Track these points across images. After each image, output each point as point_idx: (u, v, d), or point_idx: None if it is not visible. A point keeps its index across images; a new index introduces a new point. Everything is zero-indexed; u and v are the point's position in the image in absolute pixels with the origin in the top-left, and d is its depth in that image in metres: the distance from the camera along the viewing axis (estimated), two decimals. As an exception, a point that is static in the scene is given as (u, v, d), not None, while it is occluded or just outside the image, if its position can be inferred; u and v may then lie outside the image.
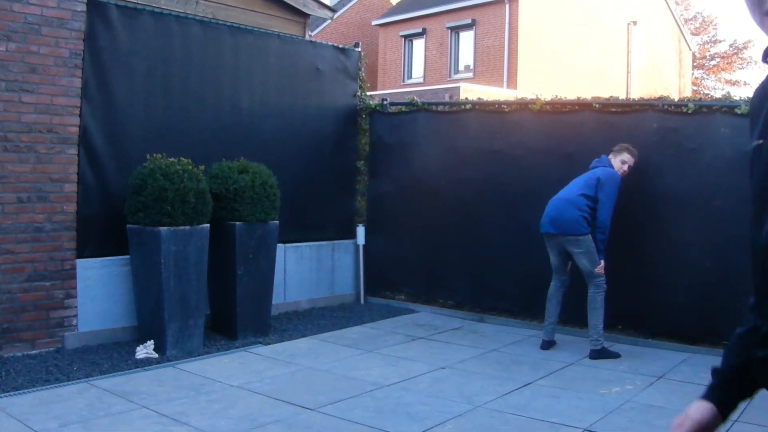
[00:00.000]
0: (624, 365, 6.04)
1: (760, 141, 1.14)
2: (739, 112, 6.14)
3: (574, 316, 6.78)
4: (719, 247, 6.26)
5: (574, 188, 6.34)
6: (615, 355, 6.25)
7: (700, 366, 6.04)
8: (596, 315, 6.22)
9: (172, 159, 6.12)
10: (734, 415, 4.99)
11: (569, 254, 6.35)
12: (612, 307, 6.36)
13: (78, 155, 6.10)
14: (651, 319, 6.75)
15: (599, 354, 6.20)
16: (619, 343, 6.67)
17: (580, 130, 7.15)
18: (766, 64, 1.16)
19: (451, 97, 17.91)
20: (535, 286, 6.95)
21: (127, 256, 6.23)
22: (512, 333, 7.19)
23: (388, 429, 4.42)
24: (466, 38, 24.86)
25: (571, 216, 6.21)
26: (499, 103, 7.97)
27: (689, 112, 6.57)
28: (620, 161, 6.42)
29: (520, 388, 5.36)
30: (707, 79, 38.57)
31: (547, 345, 6.54)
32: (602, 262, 6.21)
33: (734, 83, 36.74)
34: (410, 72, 26.68)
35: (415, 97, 8.75)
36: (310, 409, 4.75)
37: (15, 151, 5.70)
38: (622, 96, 14.50)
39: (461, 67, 25.08)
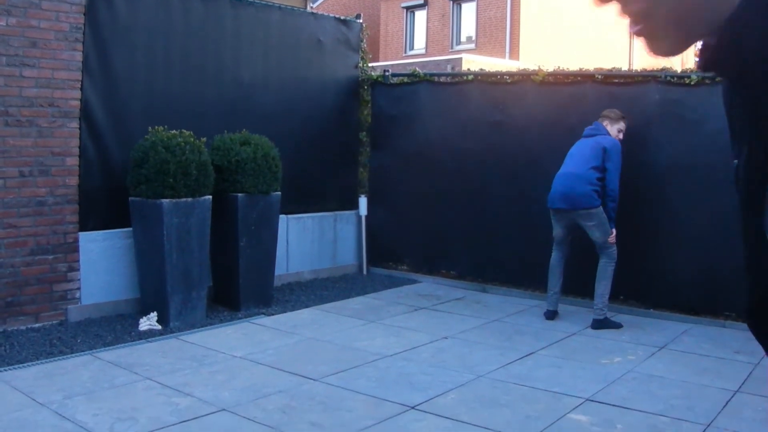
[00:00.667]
0: (626, 335, 6.07)
1: (735, 161, 1.11)
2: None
3: (576, 286, 6.81)
4: (721, 219, 6.24)
5: (581, 161, 6.29)
6: (617, 326, 6.28)
7: (701, 336, 6.07)
8: (604, 284, 6.24)
9: (173, 131, 6.10)
10: (735, 386, 5.00)
11: (579, 227, 6.34)
12: (615, 278, 6.37)
13: (79, 129, 6.08)
14: (653, 290, 6.76)
15: (602, 324, 6.22)
16: (621, 313, 6.69)
17: (582, 101, 7.10)
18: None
19: (453, 68, 17.81)
20: (538, 257, 6.95)
21: (130, 229, 6.23)
22: (515, 303, 7.22)
23: (391, 399, 4.45)
24: (468, 9, 24.67)
25: (584, 191, 6.18)
26: (502, 74, 7.92)
27: (692, 83, 6.52)
28: (617, 129, 6.40)
29: (522, 358, 5.39)
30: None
31: (551, 315, 6.56)
32: (614, 231, 6.21)
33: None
34: (412, 43, 26.51)
35: (417, 69, 8.71)
36: (313, 380, 4.78)
37: (16, 126, 5.69)
38: (625, 67, 14.40)
39: (463, 39, 24.91)
